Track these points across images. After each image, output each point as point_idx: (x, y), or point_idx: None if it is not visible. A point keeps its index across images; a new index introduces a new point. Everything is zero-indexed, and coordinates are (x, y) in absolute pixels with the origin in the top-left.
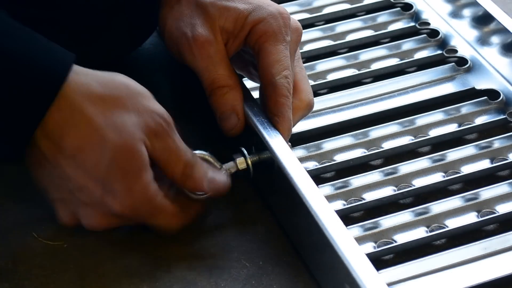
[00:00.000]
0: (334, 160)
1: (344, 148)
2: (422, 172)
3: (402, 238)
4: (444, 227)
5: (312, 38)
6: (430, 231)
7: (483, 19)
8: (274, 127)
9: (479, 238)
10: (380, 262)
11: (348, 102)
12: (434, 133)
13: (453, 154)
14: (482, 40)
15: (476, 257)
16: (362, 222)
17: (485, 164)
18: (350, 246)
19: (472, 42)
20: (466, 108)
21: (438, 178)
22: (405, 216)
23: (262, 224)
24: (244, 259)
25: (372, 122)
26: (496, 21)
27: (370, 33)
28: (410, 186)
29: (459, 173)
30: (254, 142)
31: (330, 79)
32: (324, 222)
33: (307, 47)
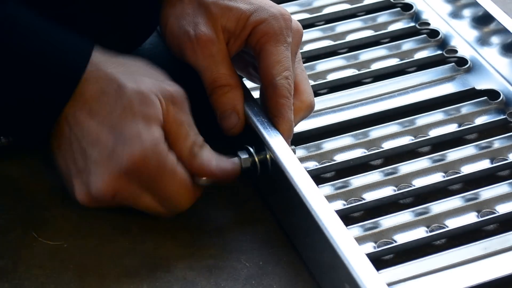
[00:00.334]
0: (334, 160)
1: (344, 148)
2: (422, 172)
3: (402, 238)
4: (444, 227)
5: (312, 38)
6: (430, 231)
7: (483, 19)
8: (274, 127)
9: (479, 238)
10: (380, 262)
11: (348, 102)
12: (434, 133)
13: (453, 154)
14: (482, 40)
15: (476, 257)
16: (362, 222)
17: (485, 164)
18: (350, 246)
19: (472, 42)
20: (466, 108)
21: (438, 178)
22: (405, 216)
23: (262, 224)
24: (244, 259)
25: (372, 122)
26: (496, 21)
27: (370, 33)
28: (410, 186)
29: (459, 173)
30: (254, 141)
31: (330, 79)
32: (324, 222)
33: (307, 47)
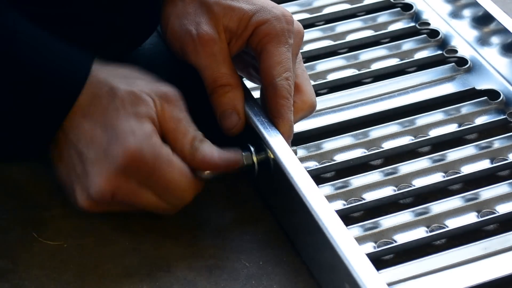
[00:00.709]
0: (334, 160)
1: (344, 148)
2: (422, 172)
3: (402, 238)
4: (444, 227)
5: (312, 38)
6: (430, 231)
7: (483, 19)
8: (274, 127)
9: (479, 238)
10: (380, 262)
11: (348, 102)
12: (434, 133)
13: (453, 154)
14: (482, 40)
15: (476, 257)
16: (362, 222)
17: (485, 164)
18: (350, 246)
19: (472, 42)
20: (466, 108)
21: (438, 178)
22: (405, 216)
23: (262, 224)
24: (244, 259)
25: (372, 122)
26: (496, 21)
27: (370, 33)
28: (410, 186)
29: (459, 173)
30: (254, 141)
31: (330, 79)
32: (324, 222)
33: (307, 47)
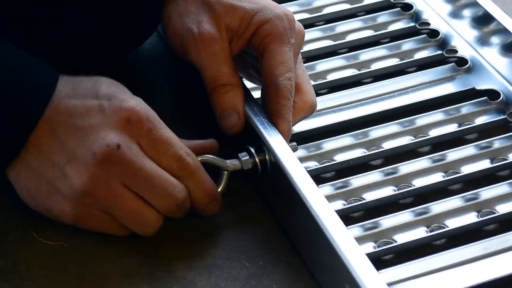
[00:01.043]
0: (334, 160)
1: (344, 148)
2: (422, 172)
3: (402, 238)
4: (444, 227)
5: (312, 38)
6: (430, 231)
7: (483, 19)
8: (274, 127)
9: (479, 238)
10: (380, 262)
11: (348, 102)
12: (434, 133)
13: (453, 154)
14: (482, 40)
15: (476, 257)
16: (362, 222)
17: (485, 164)
18: (350, 246)
19: (472, 42)
20: (466, 108)
21: (438, 178)
22: (405, 216)
23: (262, 224)
24: (244, 259)
25: (372, 122)
26: (496, 21)
27: (370, 33)
28: (410, 186)
29: (459, 173)
30: (253, 141)
31: (330, 79)
32: (324, 222)
33: (307, 47)
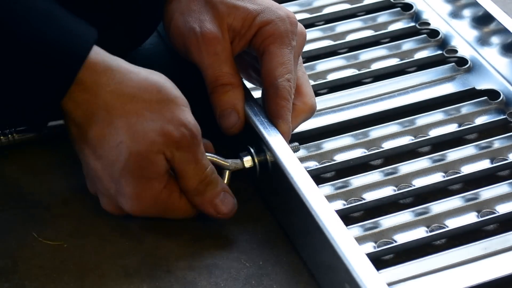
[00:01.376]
0: (334, 160)
1: (344, 148)
2: (422, 172)
3: (402, 238)
4: (444, 227)
5: (312, 38)
6: (430, 231)
7: (483, 19)
8: (274, 127)
9: (479, 238)
10: (380, 262)
11: (348, 102)
12: (434, 133)
13: (453, 154)
14: (482, 40)
15: (476, 257)
16: (362, 222)
17: (485, 164)
18: (350, 246)
19: (472, 42)
20: (466, 108)
21: (438, 178)
22: (405, 216)
23: (262, 224)
24: (244, 259)
25: (372, 122)
26: (496, 21)
27: (370, 33)
28: (410, 186)
29: (459, 173)
30: (254, 141)
31: (330, 79)
32: (324, 222)
33: (307, 47)
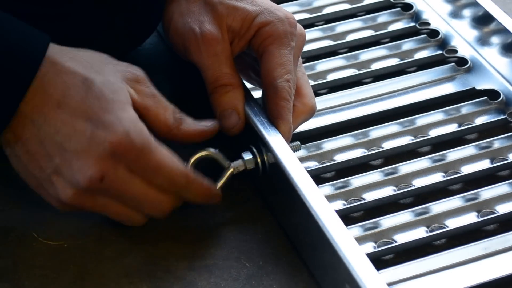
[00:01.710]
0: (334, 160)
1: (344, 148)
2: (422, 172)
3: (402, 238)
4: (444, 227)
5: (312, 38)
6: (430, 231)
7: (483, 19)
8: (274, 127)
9: (479, 238)
10: (380, 262)
11: (348, 102)
12: (434, 133)
13: (453, 154)
14: (482, 40)
15: (476, 257)
16: (362, 222)
17: (485, 164)
18: (350, 246)
19: (472, 42)
20: (466, 108)
21: (438, 178)
22: (405, 216)
23: (262, 224)
24: (244, 259)
25: (372, 122)
26: (496, 21)
27: (370, 33)
28: (410, 186)
29: (459, 173)
30: (254, 141)
31: (330, 79)
32: (324, 222)
33: (307, 47)
